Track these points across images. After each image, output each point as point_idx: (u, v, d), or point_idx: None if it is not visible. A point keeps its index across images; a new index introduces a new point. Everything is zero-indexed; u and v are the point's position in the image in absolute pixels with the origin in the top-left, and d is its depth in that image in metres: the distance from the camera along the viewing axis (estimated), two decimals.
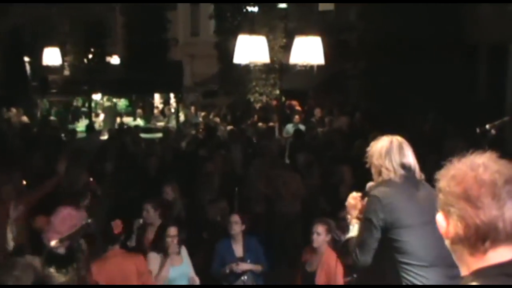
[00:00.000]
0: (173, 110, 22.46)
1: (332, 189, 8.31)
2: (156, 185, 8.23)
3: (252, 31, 13.10)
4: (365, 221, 3.87)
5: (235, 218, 6.68)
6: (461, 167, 1.80)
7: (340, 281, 5.96)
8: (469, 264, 1.77)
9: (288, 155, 11.62)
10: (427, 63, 13.85)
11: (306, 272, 6.18)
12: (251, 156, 10.76)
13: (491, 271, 1.72)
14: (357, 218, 4.08)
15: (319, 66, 11.33)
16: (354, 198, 4.11)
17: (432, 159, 5.61)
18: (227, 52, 16.60)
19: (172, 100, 24.11)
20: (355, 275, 6.56)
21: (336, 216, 6.99)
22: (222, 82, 21.95)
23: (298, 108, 18.61)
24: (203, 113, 20.92)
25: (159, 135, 15.39)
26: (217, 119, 18.49)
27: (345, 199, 4.45)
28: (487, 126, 3.66)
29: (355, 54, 16.74)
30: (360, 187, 4.27)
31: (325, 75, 16.67)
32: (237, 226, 6.61)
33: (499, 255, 1.73)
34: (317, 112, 17.46)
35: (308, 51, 11.06)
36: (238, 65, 12.75)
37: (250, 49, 11.35)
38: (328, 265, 5.97)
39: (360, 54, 16.35)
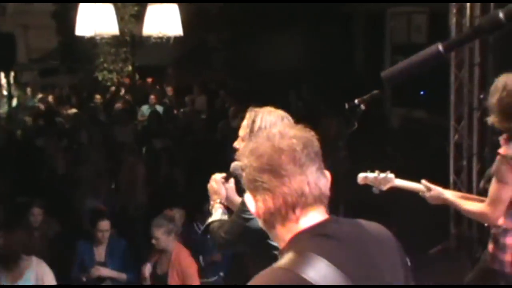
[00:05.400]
0: (5, 92, 21.60)
1: (196, 177, 8.37)
2: None
3: None
4: (238, 221, 3.54)
5: (105, 225, 6.48)
6: (258, 140, 1.98)
7: (196, 281, 5.97)
8: (284, 237, 1.95)
9: (143, 140, 11.57)
10: (299, 33, 14.21)
11: (157, 275, 6.13)
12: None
13: (304, 235, 1.90)
14: (221, 203, 3.78)
15: (177, 38, 11.37)
16: (216, 182, 3.82)
17: None
18: (67, 22, 16.16)
19: (3, 81, 23.18)
20: (221, 273, 6.75)
21: (200, 209, 7.06)
22: (64, 58, 21.38)
23: (150, 86, 18.49)
24: (41, 95, 20.27)
25: None
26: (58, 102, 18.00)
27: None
28: (356, 101, 3.78)
29: (217, 23, 16.88)
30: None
31: (184, 48, 16.70)
32: (107, 233, 6.49)
33: (310, 219, 1.93)
34: (169, 90, 17.41)
35: (163, 20, 11.06)
36: (82, 38, 12.49)
37: (95, 19, 11.16)
38: (179, 264, 5.97)
39: (224, 24, 16.51)
